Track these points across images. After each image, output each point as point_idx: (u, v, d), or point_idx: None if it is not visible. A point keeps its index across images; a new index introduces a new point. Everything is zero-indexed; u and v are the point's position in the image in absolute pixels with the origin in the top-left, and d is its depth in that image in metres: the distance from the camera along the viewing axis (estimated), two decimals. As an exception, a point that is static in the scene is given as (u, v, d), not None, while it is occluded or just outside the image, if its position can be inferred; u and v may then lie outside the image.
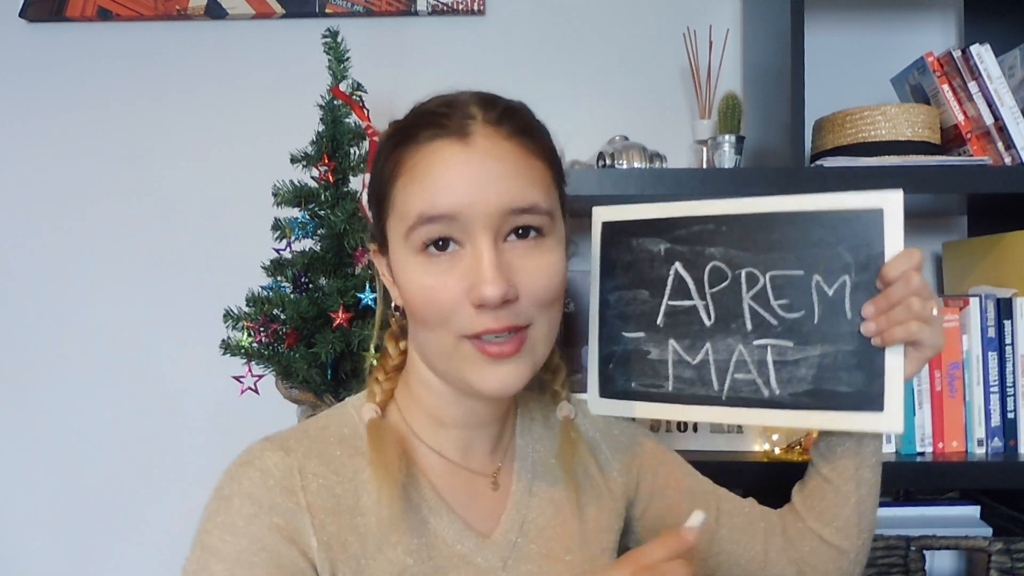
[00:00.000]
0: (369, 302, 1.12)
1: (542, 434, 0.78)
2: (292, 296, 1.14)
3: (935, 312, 0.67)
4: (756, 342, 0.72)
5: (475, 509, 0.70)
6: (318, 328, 1.14)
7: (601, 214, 0.81)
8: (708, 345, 0.74)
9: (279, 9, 1.51)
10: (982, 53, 1.20)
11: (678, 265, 0.76)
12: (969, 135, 1.23)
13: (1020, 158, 1.19)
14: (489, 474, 0.73)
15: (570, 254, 0.74)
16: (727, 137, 1.30)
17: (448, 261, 0.63)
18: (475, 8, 1.49)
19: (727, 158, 1.30)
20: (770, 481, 1.10)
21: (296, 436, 0.68)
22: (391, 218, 0.66)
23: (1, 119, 1.55)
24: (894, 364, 0.68)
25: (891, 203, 0.69)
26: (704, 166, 1.38)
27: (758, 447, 1.19)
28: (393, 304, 0.72)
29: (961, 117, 1.23)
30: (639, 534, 0.82)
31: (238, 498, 0.63)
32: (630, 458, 0.81)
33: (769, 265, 0.72)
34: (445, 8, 1.49)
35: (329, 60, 1.22)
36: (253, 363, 1.15)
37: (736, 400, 0.73)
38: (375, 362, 0.77)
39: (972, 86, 1.21)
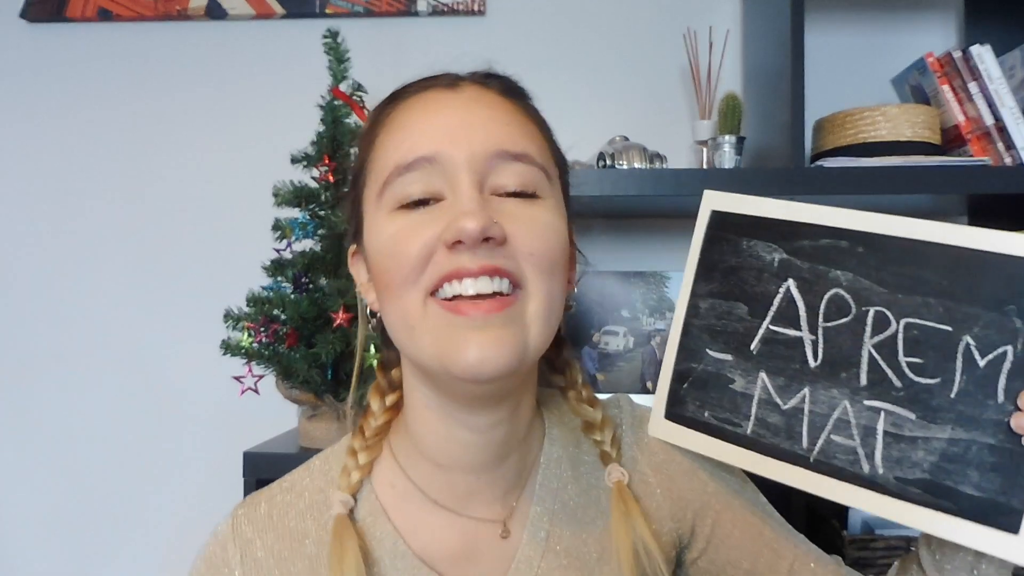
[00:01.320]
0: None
1: (568, 475, 0.66)
2: (292, 296, 1.14)
3: None
4: (868, 402, 0.58)
5: (479, 566, 0.62)
6: (318, 328, 1.14)
7: (713, 200, 0.67)
8: (807, 390, 0.60)
9: (279, 9, 1.51)
10: (982, 54, 1.20)
11: (791, 283, 0.62)
12: (969, 135, 1.23)
13: (1020, 158, 1.19)
14: (499, 520, 0.63)
15: (581, 264, 0.67)
16: (727, 137, 1.30)
17: (423, 213, 0.55)
18: (475, 8, 1.49)
19: (727, 158, 1.30)
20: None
21: (260, 517, 0.63)
22: (367, 187, 0.59)
23: (1, 119, 1.55)
24: None
25: None
26: (704, 166, 1.38)
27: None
28: (369, 310, 0.63)
29: (961, 117, 1.23)
30: None
31: None
32: (685, 502, 0.67)
33: (907, 310, 0.56)
34: (445, 8, 1.49)
35: (329, 60, 1.22)
36: (253, 363, 1.15)
37: (826, 467, 0.59)
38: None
39: (972, 87, 1.21)
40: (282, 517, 0.62)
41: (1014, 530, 0.52)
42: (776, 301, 0.62)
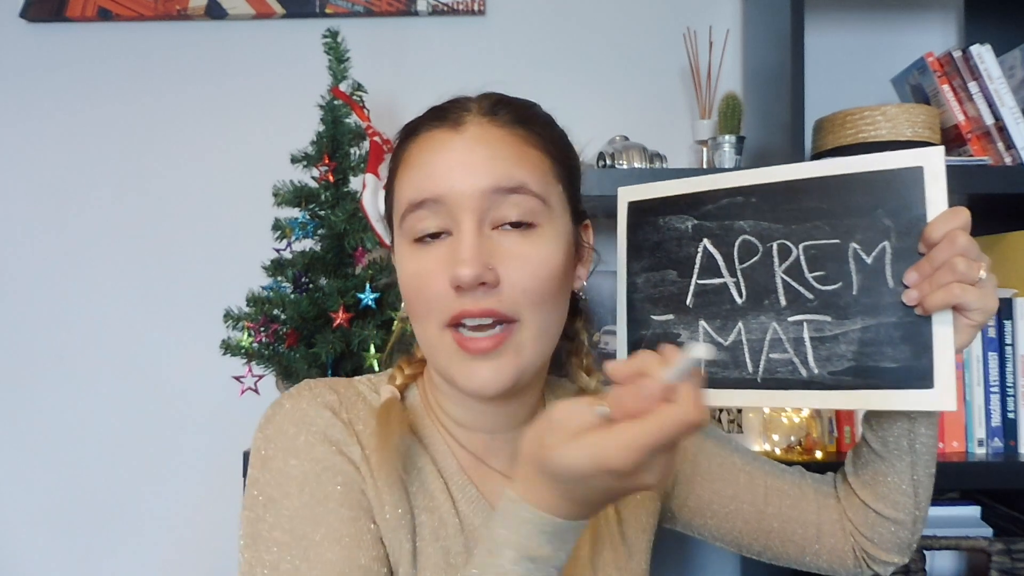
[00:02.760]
0: (369, 302, 1.12)
1: None
2: (292, 296, 1.14)
3: (983, 274, 0.62)
4: (791, 318, 0.67)
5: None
6: (318, 328, 1.14)
7: (626, 194, 0.78)
8: (740, 324, 0.70)
9: (279, 9, 1.51)
10: (982, 53, 1.20)
11: (707, 242, 0.72)
12: (969, 135, 1.23)
13: (1020, 158, 1.19)
14: (512, 477, 0.72)
15: (595, 261, 0.75)
16: (727, 137, 1.30)
17: (436, 249, 0.63)
18: (475, 8, 1.49)
19: (727, 158, 1.30)
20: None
21: (343, 385, 0.70)
22: (394, 210, 0.68)
23: (1, 119, 1.55)
24: (942, 335, 0.62)
25: (932, 160, 0.65)
26: (704, 166, 1.38)
27: (757, 447, 1.19)
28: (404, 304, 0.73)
29: (961, 117, 1.23)
30: (685, 521, 0.82)
31: (293, 424, 0.64)
32: None
33: (802, 236, 0.67)
34: (445, 8, 1.49)
35: (329, 60, 1.22)
36: (253, 363, 1.15)
37: (772, 382, 0.68)
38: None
39: (972, 86, 1.21)
40: (346, 392, 0.69)
41: (930, 385, 0.62)
42: (697, 260, 0.72)
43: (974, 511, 1.21)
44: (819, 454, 1.15)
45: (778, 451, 1.16)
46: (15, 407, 1.55)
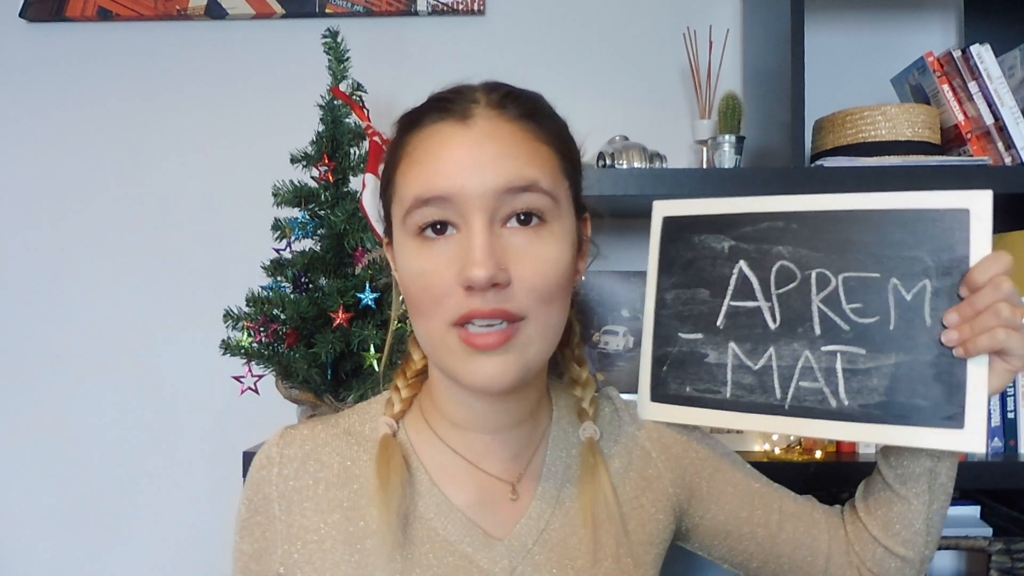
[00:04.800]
0: (369, 302, 1.12)
1: (571, 444, 0.74)
2: (292, 296, 1.14)
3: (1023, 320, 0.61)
4: (825, 348, 0.67)
5: (490, 513, 0.69)
6: (318, 328, 1.14)
7: (662, 208, 0.77)
8: (772, 350, 0.69)
9: (279, 9, 1.51)
10: (982, 53, 1.20)
11: (743, 264, 0.71)
12: (969, 135, 1.23)
13: (1020, 158, 1.19)
14: (509, 481, 0.70)
15: (592, 255, 0.74)
16: (727, 137, 1.30)
17: (443, 245, 0.61)
18: (475, 8, 1.49)
19: (727, 158, 1.30)
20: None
21: (324, 428, 0.71)
22: (393, 204, 0.66)
23: (1, 119, 1.55)
24: (977, 377, 0.62)
25: (978, 203, 0.65)
26: (704, 166, 1.38)
27: (758, 447, 1.19)
28: (401, 297, 0.71)
29: (961, 117, 1.23)
30: (698, 540, 0.80)
31: (247, 490, 0.69)
32: (683, 468, 0.76)
33: (842, 266, 0.67)
34: (445, 8, 1.49)
35: (329, 60, 1.22)
36: (253, 363, 1.15)
37: (800, 410, 0.68)
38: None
39: (972, 86, 1.21)
40: (323, 442, 0.70)
41: (960, 426, 0.62)
42: (732, 281, 0.72)
43: (974, 511, 1.21)
44: (819, 454, 1.15)
45: (778, 451, 1.16)
46: (15, 407, 1.55)
